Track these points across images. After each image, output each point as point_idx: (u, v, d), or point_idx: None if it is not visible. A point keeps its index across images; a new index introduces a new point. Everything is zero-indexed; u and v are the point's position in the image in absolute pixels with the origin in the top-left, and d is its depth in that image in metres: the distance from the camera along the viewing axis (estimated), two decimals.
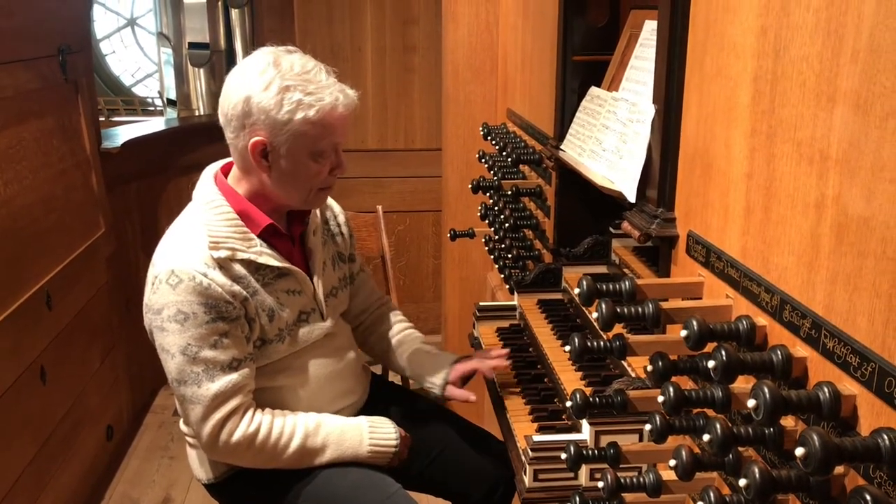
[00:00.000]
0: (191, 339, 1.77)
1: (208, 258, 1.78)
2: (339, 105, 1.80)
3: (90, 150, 3.42)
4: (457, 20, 3.27)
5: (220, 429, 1.81)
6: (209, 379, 1.78)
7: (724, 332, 1.13)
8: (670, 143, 1.45)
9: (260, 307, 1.85)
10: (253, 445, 1.83)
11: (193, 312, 1.76)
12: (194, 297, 1.76)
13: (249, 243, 1.84)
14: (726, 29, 1.22)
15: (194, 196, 1.91)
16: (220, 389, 1.79)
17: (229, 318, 1.79)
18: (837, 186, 0.95)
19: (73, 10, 3.40)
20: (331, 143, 1.82)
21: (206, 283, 1.76)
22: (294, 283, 1.92)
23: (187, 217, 1.88)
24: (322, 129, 1.78)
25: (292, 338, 1.93)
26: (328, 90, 1.79)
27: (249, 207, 1.86)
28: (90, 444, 3.29)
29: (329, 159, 1.85)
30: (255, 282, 1.84)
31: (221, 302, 1.77)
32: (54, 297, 2.90)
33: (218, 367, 1.79)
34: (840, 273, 0.94)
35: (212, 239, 1.79)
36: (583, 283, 1.28)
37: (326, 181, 1.87)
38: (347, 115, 1.83)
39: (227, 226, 1.82)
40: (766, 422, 0.93)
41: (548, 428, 1.78)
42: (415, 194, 4.51)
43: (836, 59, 0.94)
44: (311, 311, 1.97)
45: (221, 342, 1.79)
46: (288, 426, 1.87)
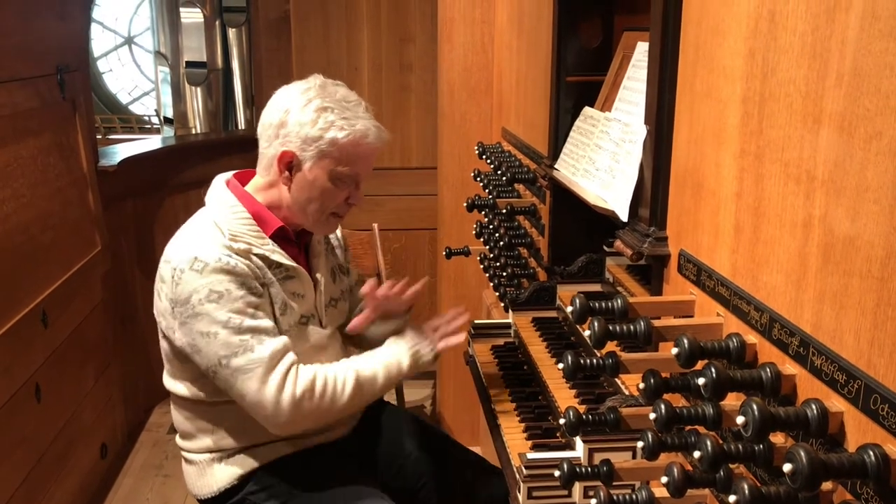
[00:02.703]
0: (230, 312, 1.79)
1: (229, 247, 1.83)
2: (371, 136, 1.88)
3: (87, 168, 3.44)
4: (452, 40, 3.30)
5: (282, 384, 1.81)
6: (259, 342, 1.80)
7: (715, 349, 1.14)
8: (662, 163, 1.47)
9: (274, 299, 1.89)
10: (315, 394, 1.84)
11: (227, 289, 1.79)
12: (223, 275, 1.79)
13: (263, 241, 1.89)
14: (715, 51, 1.25)
15: (207, 199, 1.96)
16: (275, 348, 1.82)
17: (258, 294, 1.84)
18: (824, 206, 0.96)
19: (72, 29, 3.43)
20: (353, 172, 1.88)
21: (233, 263, 1.80)
22: (299, 286, 1.95)
23: (201, 216, 1.93)
24: (348, 154, 1.86)
25: (294, 337, 1.93)
26: (362, 121, 1.88)
27: (263, 210, 1.92)
28: (84, 462, 3.28)
29: (348, 187, 1.91)
30: (270, 275, 1.89)
31: (249, 278, 1.82)
32: (50, 315, 2.90)
33: (263, 332, 1.82)
34: (827, 292, 0.96)
35: (230, 233, 1.85)
36: (576, 302, 1.30)
37: (340, 208, 1.93)
38: (375, 149, 1.90)
39: (242, 224, 1.88)
40: (755, 438, 0.94)
41: (542, 445, 1.79)
42: (410, 212, 4.52)
43: (821, 81, 0.96)
44: (312, 316, 2.00)
45: (257, 313, 1.83)
46: (340, 369, 1.90)
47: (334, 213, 1.94)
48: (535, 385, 2.07)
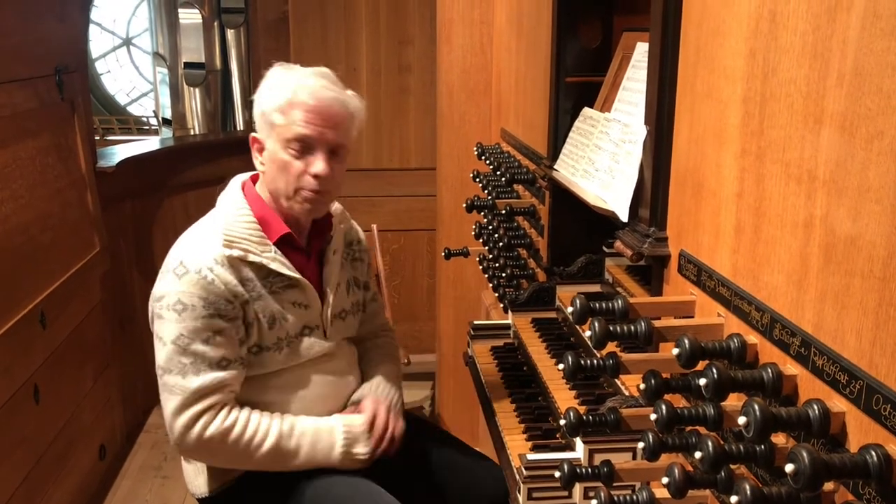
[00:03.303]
0: (185, 329, 1.80)
1: (219, 255, 1.82)
2: (301, 92, 1.82)
3: (85, 169, 3.44)
4: (451, 42, 3.30)
5: (193, 422, 1.81)
6: (195, 372, 1.80)
7: (716, 350, 1.14)
8: (662, 164, 1.46)
9: (261, 312, 1.87)
10: (224, 443, 1.83)
11: (193, 305, 1.79)
12: (196, 289, 1.79)
13: (264, 248, 1.87)
14: (716, 52, 1.25)
15: (218, 200, 1.96)
16: (203, 384, 1.80)
17: (227, 317, 1.82)
18: (825, 206, 0.96)
19: (71, 30, 3.42)
20: (298, 135, 1.82)
21: (211, 279, 1.80)
22: (302, 296, 1.94)
23: (208, 217, 1.94)
24: (287, 116, 1.82)
25: (291, 349, 1.93)
26: (309, 86, 1.84)
27: (269, 214, 1.91)
28: (83, 463, 3.28)
29: (304, 155, 1.84)
30: (262, 287, 1.87)
31: (222, 300, 1.81)
32: (48, 316, 2.90)
33: (206, 362, 1.81)
34: (828, 291, 0.96)
35: (227, 237, 1.83)
36: (576, 302, 1.30)
37: (304, 181, 1.85)
38: (312, 106, 1.82)
39: (246, 228, 1.87)
40: (756, 439, 0.94)
41: (542, 446, 1.79)
42: (409, 213, 4.52)
43: (822, 81, 0.96)
44: (315, 327, 1.98)
45: (214, 339, 1.81)
46: (263, 425, 1.87)
47: (301, 188, 1.86)
48: (535, 386, 2.07)
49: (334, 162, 1.88)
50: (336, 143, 1.87)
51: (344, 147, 1.91)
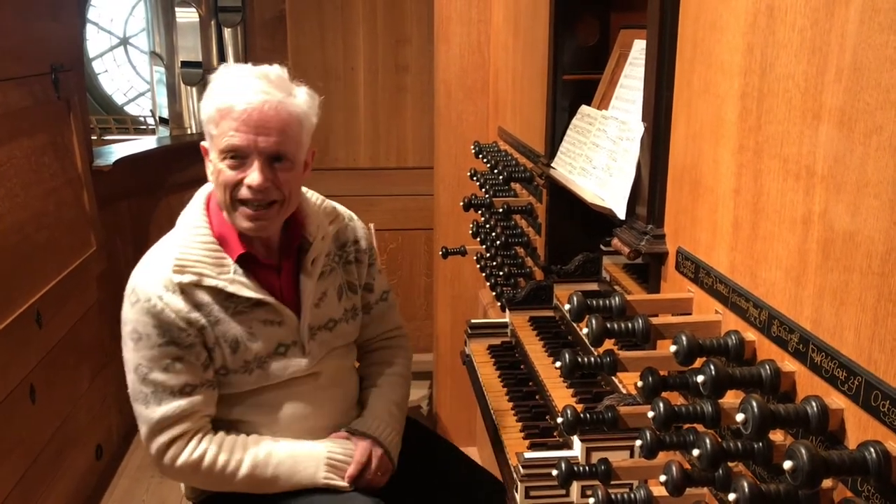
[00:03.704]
0: (142, 359, 1.75)
1: (169, 281, 1.74)
2: (228, 97, 1.69)
3: (82, 168, 3.42)
4: (449, 40, 3.29)
5: (163, 453, 1.78)
6: (156, 402, 1.76)
7: (713, 347, 1.14)
8: (659, 160, 1.46)
9: (222, 337, 1.78)
10: (198, 472, 1.79)
11: (147, 334, 1.74)
12: (148, 318, 1.73)
13: (221, 269, 1.76)
14: (713, 47, 1.24)
15: (179, 216, 1.87)
16: (166, 414, 1.76)
17: (183, 345, 1.75)
18: (823, 202, 0.96)
19: (66, 29, 3.41)
20: (230, 144, 1.68)
21: (160, 307, 1.73)
22: (272, 314, 1.83)
23: (167, 237, 1.85)
24: (218, 124, 1.70)
25: (263, 370, 1.83)
26: (241, 91, 1.69)
27: (228, 231, 1.80)
28: (79, 463, 3.27)
29: (239, 165, 1.70)
30: (219, 311, 1.77)
31: (174, 328, 1.73)
32: (44, 316, 2.89)
33: (167, 390, 1.75)
34: (827, 288, 0.95)
35: (178, 262, 1.74)
36: (573, 300, 1.29)
37: (241, 194, 1.72)
38: (241, 111, 1.67)
39: (201, 249, 1.77)
40: (754, 436, 0.93)
41: (539, 445, 1.78)
42: (407, 212, 4.52)
43: (820, 76, 0.96)
44: (292, 343, 1.86)
45: (174, 366, 1.75)
46: (235, 455, 1.80)
47: (240, 200, 1.72)
48: (533, 384, 2.06)
49: (279, 171, 1.72)
50: (274, 151, 1.71)
51: (288, 154, 1.73)
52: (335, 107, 4.44)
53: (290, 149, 1.73)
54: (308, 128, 1.79)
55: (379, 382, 2.05)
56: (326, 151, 4.50)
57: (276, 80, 1.74)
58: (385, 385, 2.04)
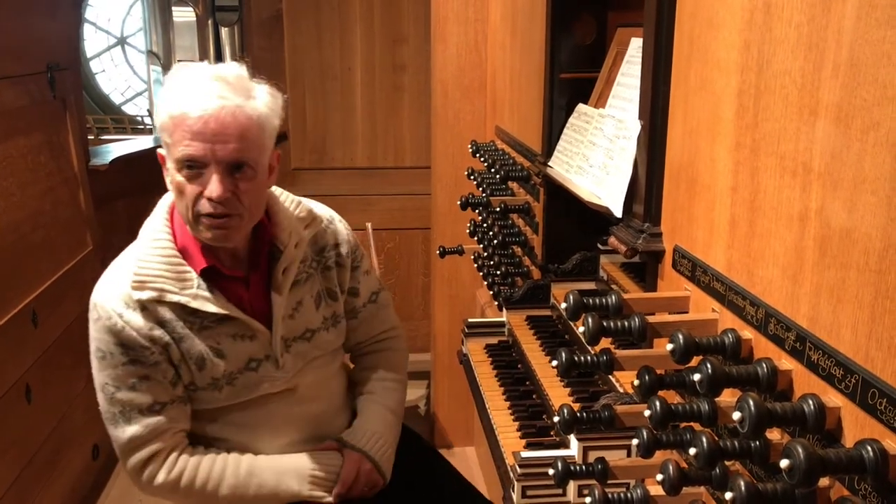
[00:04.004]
0: (108, 378, 1.69)
1: (128, 297, 1.66)
2: (193, 107, 1.56)
3: (78, 168, 3.41)
4: (446, 39, 3.29)
5: (139, 471, 1.73)
6: (126, 421, 1.69)
7: (710, 345, 1.13)
8: (656, 158, 1.45)
9: (187, 355, 1.70)
10: (178, 490, 1.74)
11: (110, 352, 1.67)
12: (109, 336, 1.66)
13: (184, 284, 1.67)
14: (710, 44, 1.24)
15: (142, 226, 1.78)
16: (136, 433, 1.70)
17: (147, 363, 1.68)
18: (820, 199, 0.95)
19: (62, 27, 3.40)
20: (185, 154, 1.57)
21: (121, 326, 1.65)
22: (241, 328, 1.74)
23: (129, 248, 1.76)
24: (172, 134, 1.59)
25: (233, 387, 1.75)
26: (195, 96, 1.57)
27: (192, 244, 1.71)
28: (76, 463, 3.26)
29: (198, 176, 1.59)
30: (183, 327, 1.69)
31: (137, 346, 1.66)
32: (40, 315, 2.88)
33: (135, 409, 1.69)
34: (824, 285, 0.95)
35: (137, 278, 1.66)
36: (569, 298, 1.29)
37: (201, 206, 1.60)
38: (197, 118, 1.55)
39: (162, 263, 1.68)
40: (751, 434, 0.93)
41: (536, 444, 1.77)
42: (404, 212, 4.51)
43: (817, 73, 0.95)
44: (265, 358, 1.77)
45: (140, 385, 1.68)
46: (215, 473, 1.75)
47: (199, 213, 1.61)
48: (530, 383, 2.06)
49: (240, 180, 1.61)
50: (234, 159, 1.59)
51: (249, 161, 1.61)
52: (332, 106, 4.44)
53: (251, 155, 1.61)
54: (270, 131, 1.66)
55: (372, 388, 1.98)
56: (324, 151, 4.50)
57: (234, 82, 1.61)
58: (379, 391, 1.98)
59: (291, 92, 4.40)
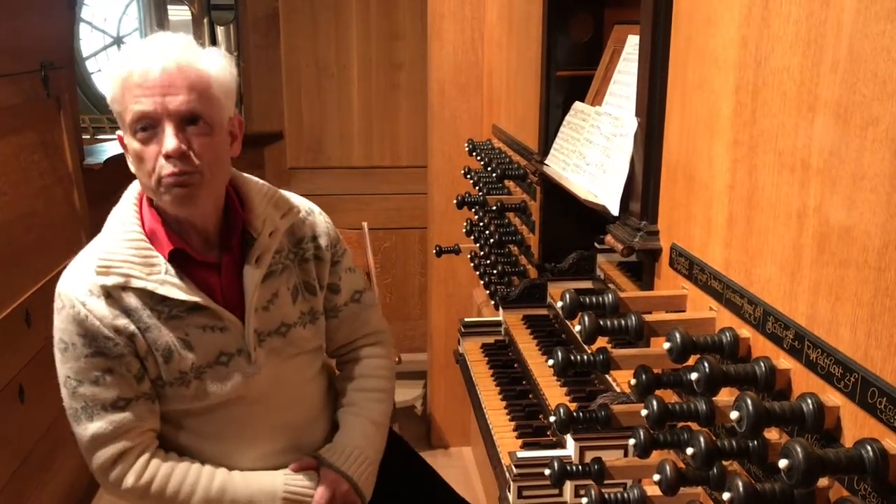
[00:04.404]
0: (70, 371, 1.61)
1: (94, 285, 1.58)
2: (138, 64, 1.51)
3: (72, 167, 3.39)
4: (442, 38, 3.28)
5: (106, 472, 1.63)
6: (88, 418, 1.61)
7: (708, 344, 1.12)
8: (653, 156, 1.44)
9: (153, 346, 1.61)
10: (146, 497, 1.65)
11: (73, 343, 1.60)
12: (73, 326, 1.59)
13: (151, 269, 1.59)
14: (707, 41, 1.22)
15: (109, 216, 1.71)
16: (100, 431, 1.61)
17: (111, 355, 1.59)
18: (819, 196, 0.94)
19: (56, 26, 3.38)
20: (136, 114, 1.51)
21: (84, 314, 1.57)
22: (212, 318, 1.64)
23: (95, 238, 1.69)
24: (123, 97, 1.53)
25: (201, 382, 1.64)
26: (139, 55, 1.53)
27: (159, 228, 1.63)
28: (70, 464, 3.24)
29: (153, 137, 1.52)
30: (150, 316, 1.60)
31: (100, 337, 1.58)
32: (34, 315, 2.86)
33: (99, 404, 1.60)
34: (822, 283, 0.94)
35: (102, 263, 1.58)
36: (566, 297, 1.28)
37: (160, 170, 1.53)
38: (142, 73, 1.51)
39: (128, 248, 1.60)
40: (749, 434, 0.92)
41: (532, 444, 1.76)
42: (401, 211, 4.50)
43: (816, 68, 0.94)
44: (236, 352, 1.66)
45: (104, 379, 1.60)
46: (186, 486, 1.65)
47: (161, 177, 1.53)
48: (526, 383, 2.04)
49: (194, 135, 1.54)
50: (186, 111, 1.52)
51: (203, 115, 1.54)
52: (328, 105, 4.43)
53: (203, 109, 1.54)
54: (224, 88, 1.60)
55: (355, 399, 1.87)
56: (320, 150, 4.48)
57: (179, 42, 1.58)
58: (361, 402, 1.86)
59: (287, 91, 4.39)
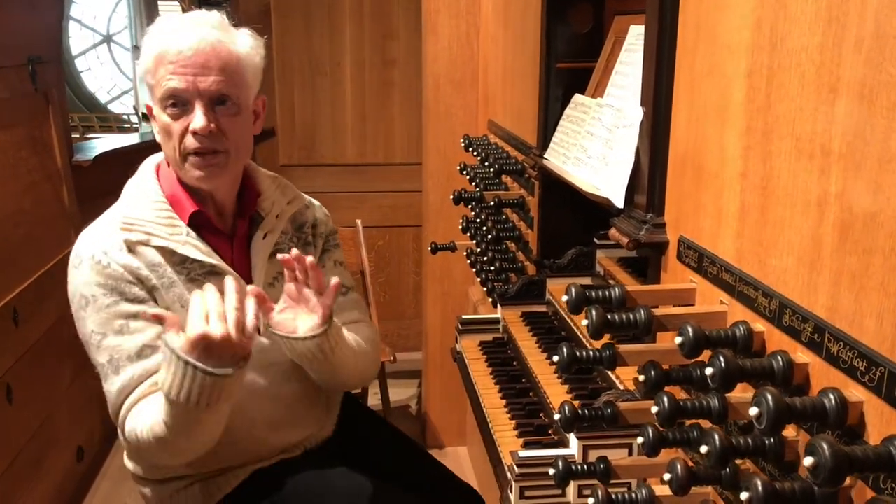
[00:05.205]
0: (94, 324, 1.61)
1: (117, 239, 1.62)
2: (174, 43, 1.57)
3: (61, 163, 3.34)
4: (437, 33, 3.23)
5: (124, 423, 1.60)
6: (114, 371, 1.60)
7: (721, 338, 1.08)
8: (659, 147, 1.40)
9: (178, 301, 1.63)
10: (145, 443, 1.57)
11: (93, 295, 1.60)
12: (92, 276, 1.60)
13: (173, 230, 1.65)
14: (718, 27, 1.18)
15: (125, 185, 1.77)
16: (125, 383, 1.59)
17: (135, 300, 1.61)
18: (841, 182, 0.90)
19: (44, 19, 3.32)
20: (169, 89, 1.58)
21: (106, 262, 1.60)
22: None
23: (112, 207, 1.74)
24: (156, 71, 1.60)
25: None
26: (175, 34, 1.59)
27: (180, 193, 1.69)
28: (59, 465, 3.18)
29: (182, 113, 1.60)
30: (173, 273, 1.64)
31: (122, 282, 1.60)
32: (22, 314, 2.80)
33: (124, 355, 1.60)
34: (844, 273, 0.90)
35: (126, 220, 1.63)
36: (571, 291, 1.23)
37: (187, 142, 1.60)
38: (188, 55, 1.57)
39: (152, 209, 1.66)
40: (769, 431, 0.87)
41: (534, 443, 1.72)
42: (395, 209, 4.45)
43: (837, 48, 0.90)
44: None
45: (128, 327, 1.60)
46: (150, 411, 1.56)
47: (186, 152, 1.61)
48: (526, 381, 2.00)
49: (222, 115, 1.62)
50: (217, 91, 1.59)
51: (232, 96, 1.62)
52: (322, 102, 4.38)
53: (233, 90, 1.62)
54: (252, 69, 1.68)
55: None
56: (313, 148, 4.43)
57: (214, 23, 1.63)
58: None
59: (280, 88, 4.34)
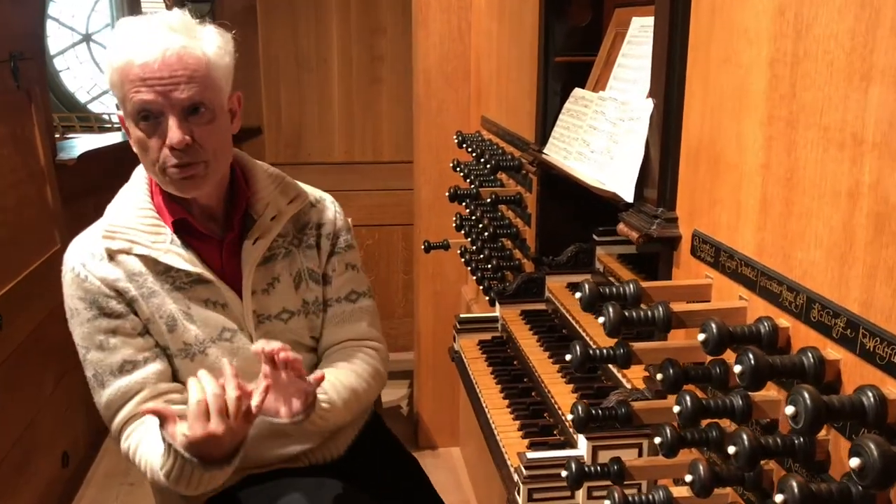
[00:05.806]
0: (78, 338, 1.63)
1: (98, 248, 1.61)
2: (137, 54, 1.48)
3: (45, 162, 3.27)
4: (428, 27, 3.19)
5: (118, 442, 1.64)
6: (100, 385, 1.62)
7: (745, 334, 1.04)
8: (671, 139, 1.37)
9: (157, 312, 1.62)
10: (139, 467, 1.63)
11: (76, 308, 1.62)
12: (74, 289, 1.61)
13: (157, 238, 1.62)
14: (736, 13, 1.15)
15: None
16: (111, 398, 1.61)
17: (113, 314, 1.60)
18: (875, 172, 0.87)
19: (25, 15, 3.25)
20: (140, 104, 1.49)
21: (84, 276, 1.60)
22: (214, 293, 1.65)
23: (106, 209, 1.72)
24: (123, 86, 1.51)
25: (206, 357, 1.64)
26: (136, 43, 1.50)
27: (166, 200, 1.65)
28: (44, 471, 3.11)
29: (157, 127, 1.52)
30: (154, 282, 1.61)
31: (100, 296, 1.60)
32: (5, 317, 2.73)
33: (107, 370, 1.61)
34: (880, 266, 0.86)
35: (109, 228, 1.62)
36: (585, 288, 1.19)
37: (164, 157, 1.53)
38: (143, 64, 1.48)
39: (137, 216, 1.63)
40: (806, 431, 0.84)
41: (540, 444, 1.68)
42: (383, 208, 4.40)
43: (871, 33, 0.87)
44: (238, 330, 1.67)
45: (108, 342, 1.60)
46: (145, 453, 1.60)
47: (165, 166, 1.54)
48: (528, 380, 1.96)
49: (197, 124, 1.53)
50: (188, 100, 1.51)
51: (205, 102, 1.53)
52: (308, 99, 4.32)
53: (205, 96, 1.53)
54: (223, 70, 1.58)
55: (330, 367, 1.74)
56: (300, 146, 4.37)
57: (177, 26, 1.53)
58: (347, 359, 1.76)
59: (266, 85, 4.28)
